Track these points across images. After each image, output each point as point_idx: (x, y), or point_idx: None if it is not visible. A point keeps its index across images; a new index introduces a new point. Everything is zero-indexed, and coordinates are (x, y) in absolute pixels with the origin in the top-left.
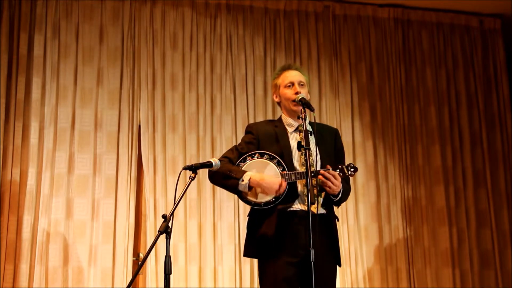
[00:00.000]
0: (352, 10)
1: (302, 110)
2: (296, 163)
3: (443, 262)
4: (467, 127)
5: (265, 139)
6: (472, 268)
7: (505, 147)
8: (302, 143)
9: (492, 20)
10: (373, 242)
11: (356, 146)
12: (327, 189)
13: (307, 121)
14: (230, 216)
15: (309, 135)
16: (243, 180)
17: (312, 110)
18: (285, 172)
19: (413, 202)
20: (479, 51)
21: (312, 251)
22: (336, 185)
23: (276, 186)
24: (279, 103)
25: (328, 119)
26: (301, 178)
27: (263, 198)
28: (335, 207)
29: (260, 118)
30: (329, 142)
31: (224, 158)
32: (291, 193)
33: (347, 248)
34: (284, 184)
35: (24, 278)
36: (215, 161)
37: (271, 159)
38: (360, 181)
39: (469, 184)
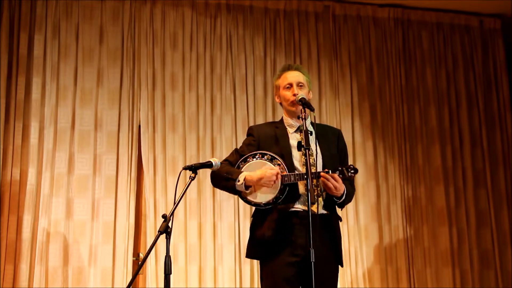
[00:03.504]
0: (352, 10)
1: (302, 110)
2: (296, 163)
3: (443, 262)
4: (467, 127)
5: (265, 141)
6: (472, 268)
7: (505, 147)
8: (302, 143)
9: (492, 20)
10: (373, 242)
11: (356, 146)
12: (329, 191)
13: (309, 121)
14: (230, 216)
15: (310, 135)
16: (239, 181)
17: (312, 109)
18: (285, 173)
19: (413, 202)
20: (479, 51)
21: (312, 251)
22: (336, 187)
23: (274, 177)
24: (281, 104)
25: (328, 119)
26: (300, 179)
27: (262, 198)
28: (338, 208)
29: (260, 118)
30: (332, 142)
31: (224, 161)
32: (292, 194)
33: (347, 248)
34: (279, 175)
35: (24, 278)
36: (215, 161)
37: (272, 159)
38: (360, 181)
39: (469, 184)
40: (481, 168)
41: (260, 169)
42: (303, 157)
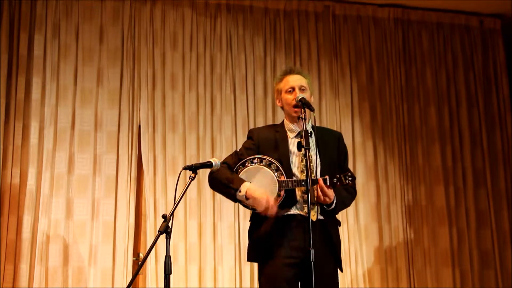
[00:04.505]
0: (352, 10)
1: (302, 110)
2: (295, 169)
3: (443, 262)
4: (467, 127)
5: (264, 145)
6: (472, 268)
7: (505, 147)
8: (302, 143)
9: (492, 20)
10: (373, 242)
11: (356, 146)
12: (317, 199)
13: (309, 124)
14: (230, 216)
15: (310, 136)
16: (240, 191)
17: (312, 110)
18: (283, 179)
19: (413, 202)
20: (479, 51)
21: (312, 251)
22: (325, 199)
23: (265, 204)
24: (282, 108)
25: (328, 119)
26: (298, 186)
27: None
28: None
29: (260, 118)
30: (332, 147)
31: (223, 164)
32: (289, 199)
33: (347, 248)
34: (274, 208)
35: (24, 278)
36: (215, 161)
37: (270, 165)
38: (360, 181)
39: (469, 184)
40: (481, 168)
41: (262, 192)
42: (302, 163)
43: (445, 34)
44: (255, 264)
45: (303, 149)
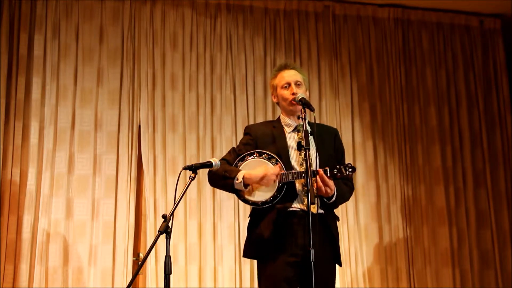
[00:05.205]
0: (352, 10)
1: (302, 110)
2: (294, 163)
3: (443, 262)
4: (467, 127)
5: (262, 140)
6: (472, 268)
7: (505, 147)
8: (302, 143)
9: (492, 20)
10: (373, 242)
11: (356, 146)
12: (318, 191)
13: (307, 121)
14: (230, 216)
15: (309, 135)
16: (237, 179)
17: (312, 109)
18: (283, 172)
19: (413, 202)
20: (479, 51)
21: (312, 251)
22: (327, 190)
23: (274, 177)
24: (278, 103)
25: (328, 119)
26: (298, 178)
27: (260, 197)
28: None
29: (260, 118)
30: (329, 142)
31: (222, 160)
32: (289, 193)
33: (347, 248)
34: (278, 169)
35: (24, 278)
36: (215, 161)
37: (269, 158)
38: (360, 181)
39: (469, 184)
40: (481, 168)
41: (261, 167)
42: (300, 156)
43: (445, 34)
44: (255, 264)
45: (303, 149)
